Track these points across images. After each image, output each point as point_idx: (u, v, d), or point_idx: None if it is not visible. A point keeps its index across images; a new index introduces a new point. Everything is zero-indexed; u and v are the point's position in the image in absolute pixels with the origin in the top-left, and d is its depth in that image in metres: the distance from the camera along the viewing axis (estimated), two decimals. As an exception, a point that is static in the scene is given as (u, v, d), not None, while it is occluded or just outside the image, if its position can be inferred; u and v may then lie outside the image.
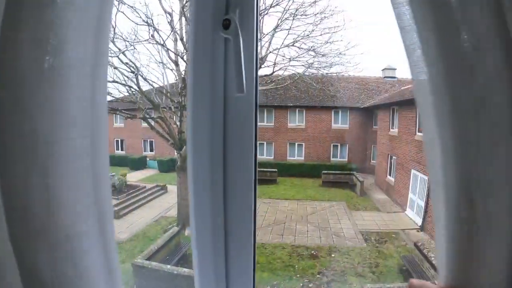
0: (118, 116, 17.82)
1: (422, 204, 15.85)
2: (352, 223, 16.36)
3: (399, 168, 19.57)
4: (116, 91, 17.42)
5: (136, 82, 13.68)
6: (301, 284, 10.79)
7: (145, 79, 14.16)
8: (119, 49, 13.11)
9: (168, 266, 10.25)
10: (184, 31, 13.68)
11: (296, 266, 12.11)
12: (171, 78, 17.13)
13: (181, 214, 15.68)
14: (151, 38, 13.19)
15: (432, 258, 10.27)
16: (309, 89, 28.41)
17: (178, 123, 14.83)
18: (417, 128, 17.06)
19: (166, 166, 28.77)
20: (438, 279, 1.14)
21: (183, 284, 9.87)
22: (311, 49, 17.30)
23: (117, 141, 35.34)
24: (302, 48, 17.23)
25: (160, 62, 15.44)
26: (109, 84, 13.90)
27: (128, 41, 13.47)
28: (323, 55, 18.06)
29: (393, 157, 21.02)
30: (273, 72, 17.92)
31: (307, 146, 30.41)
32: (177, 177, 15.60)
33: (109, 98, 14.19)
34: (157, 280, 10.11)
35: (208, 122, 1.61)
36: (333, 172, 25.11)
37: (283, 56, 18.06)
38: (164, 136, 15.30)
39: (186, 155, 12.63)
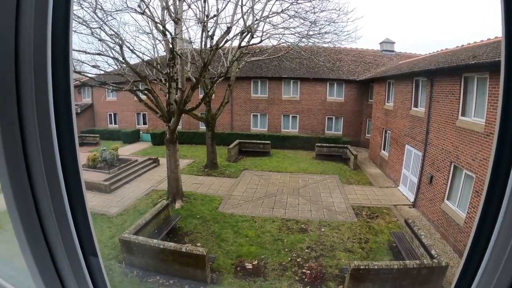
0: (111, 90, 17.61)
1: (415, 180, 15.74)
2: (344, 197, 16.29)
3: (393, 142, 19.45)
4: (106, 64, 17.14)
5: (121, 54, 13.34)
6: (289, 259, 10.71)
7: (132, 51, 13.80)
8: (101, 19, 12.74)
9: (155, 241, 10.11)
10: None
11: (285, 240, 12.04)
12: (161, 50, 16.84)
13: (171, 187, 15.59)
14: (137, 8, 12.76)
15: (422, 236, 10.16)
16: (304, 61, 28.14)
17: (166, 95, 14.58)
18: (412, 103, 16.84)
19: (159, 139, 28.71)
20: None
21: (169, 258, 9.77)
22: (298, 16, 16.85)
23: (110, 115, 35.16)
24: (289, 15, 16.80)
25: (148, 33, 15.10)
26: (97, 57, 13.56)
27: (107, 11, 13.10)
28: (312, 23, 17.63)
29: (388, 132, 20.87)
30: (261, 40, 17.53)
31: (301, 119, 30.36)
32: (166, 149, 15.41)
33: (97, 71, 13.94)
34: (144, 254, 10.00)
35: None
36: (327, 145, 25.06)
37: (270, 24, 17.68)
38: (152, 109, 15.05)
39: (174, 127, 12.45)
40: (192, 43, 16.43)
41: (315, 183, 18.64)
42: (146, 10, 12.79)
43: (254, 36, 17.30)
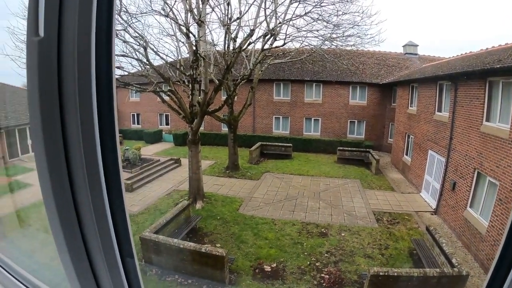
0: (135, 91, 17.85)
1: (438, 186, 15.48)
2: (365, 202, 16.16)
3: (416, 148, 19.20)
4: (130, 65, 17.38)
5: (145, 55, 13.54)
6: (308, 263, 10.69)
7: (156, 53, 13.99)
8: (126, 22, 12.95)
9: (175, 240, 10.22)
10: (193, 1, 13.43)
11: (305, 243, 12.02)
12: (184, 52, 17.01)
13: (192, 188, 15.71)
14: (161, 10, 12.94)
15: (443, 244, 10.02)
16: (327, 64, 28.00)
17: (189, 97, 14.73)
18: (436, 108, 16.61)
19: (182, 140, 28.95)
20: None
21: (188, 258, 9.87)
22: (322, 18, 16.79)
23: (133, 115, 35.59)
24: (313, 18, 16.73)
25: (171, 35, 15.27)
26: (121, 59, 13.79)
27: (132, 14, 13.33)
28: (337, 26, 17.54)
29: (411, 136, 20.63)
30: (284, 43, 17.51)
31: (323, 122, 30.20)
32: (188, 150, 15.56)
33: (121, 72, 14.15)
34: (164, 253, 10.12)
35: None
36: (349, 149, 24.89)
37: (294, 26, 17.65)
38: (175, 110, 15.21)
39: (197, 129, 12.55)
40: (215, 46, 16.54)
41: (336, 187, 18.55)
42: (170, 13, 12.97)
43: (277, 38, 17.33)
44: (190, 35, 13.32)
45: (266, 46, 17.49)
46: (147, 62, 13.73)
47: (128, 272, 1.40)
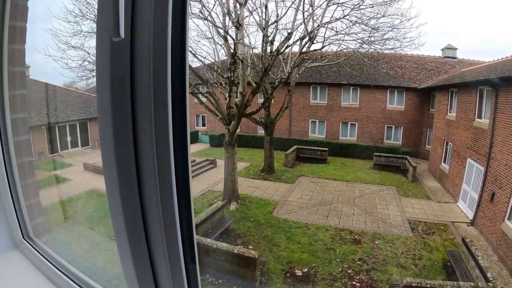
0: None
1: (476, 196, 15.03)
2: (400, 210, 15.89)
3: (454, 155, 18.74)
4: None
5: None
6: (340, 269, 10.66)
7: (194, 55, 14.24)
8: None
9: (208, 240, 10.38)
10: (231, 5, 13.60)
11: (338, 250, 11.96)
12: (222, 54, 17.23)
13: (227, 189, 15.88)
14: (199, 13, 13.17)
15: (479, 257, 9.78)
16: (364, 67, 27.76)
17: (227, 99, 14.91)
18: (476, 114, 16.20)
19: (218, 141, 29.25)
20: None
21: (221, 258, 10.01)
22: (360, 21, 16.68)
23: (170, 115, 36.19)
24: (351, 21, 16.64)
25: (209, 38, 15.50)
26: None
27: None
28: (375, 29, 17.40)
29: (449, 144, 20.16)
30: (323, 46, 17.46)
31: (360, 126, 29.91)
32: (224, 152, 15.75)
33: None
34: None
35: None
36: (386, 155, 24.47)
37: (332, 29, 17.56)
38: (212, 111, 15.42)
39: (234, 130, 12.72)
40: (253, 48, 16.69)
41: (371, 193, 18.34)
42: (208, 16, 13.19)
43: (314, 42, 17.30)
44: (228, 37, 13.50)
45: (304, 49, 17.50)
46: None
47: (189, 278, 1.38)
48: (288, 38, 14.77)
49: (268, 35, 14.52)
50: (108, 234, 12.54)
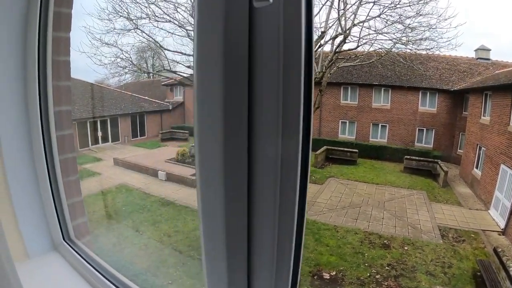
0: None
1: (508, 204, 14.84)
2: (430, 216, 15.83)
3: (487, 161, 18.48)
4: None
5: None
6: (368, 274, 10.76)
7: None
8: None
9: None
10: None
11: (366, 254, 12.06)
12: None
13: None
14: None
15: (510, 268, 9.76)
16: (396, 68, 27.48)
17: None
18: (511, 118, 15.98)
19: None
20: None
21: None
22: (398, 21, 16.58)
23: (199, 111, 36.56)
24: (388, 21, 16.56)
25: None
26: (191, 58, 14.22)
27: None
28: (411, 29, 17.27)
29: (482, 148, 19.87)
30: (358, 46, 17.43)
31: (391, 128, 29.58)
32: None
33: (191, 71, 14.79)
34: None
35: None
36: (416, 158, 24.25)
37: (368, 28, 17.50)
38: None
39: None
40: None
41: (401, 197, 18.29)
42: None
43: (347, 41, 17.26)
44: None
45: (337, 49, 17.47)
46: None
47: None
48: (321, 36, 14.78)
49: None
50: (136, 229, 12.93)
